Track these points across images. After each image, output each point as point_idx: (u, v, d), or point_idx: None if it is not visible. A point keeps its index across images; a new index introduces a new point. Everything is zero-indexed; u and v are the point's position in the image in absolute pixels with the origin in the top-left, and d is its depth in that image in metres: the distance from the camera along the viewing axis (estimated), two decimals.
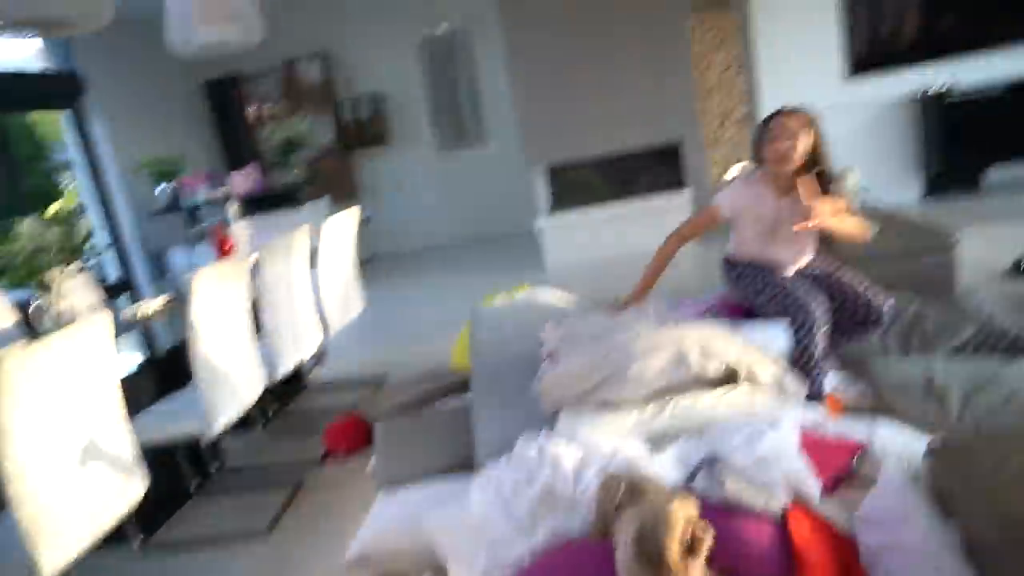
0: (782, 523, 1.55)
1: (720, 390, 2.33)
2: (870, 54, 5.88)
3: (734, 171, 5.08)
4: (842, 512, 1.70)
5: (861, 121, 6.00)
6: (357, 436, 3.08)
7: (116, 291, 5.87)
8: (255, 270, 2.93)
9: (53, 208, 2.88)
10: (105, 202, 6.50)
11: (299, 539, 2.53)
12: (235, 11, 4.05)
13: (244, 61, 7.47)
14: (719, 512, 1.57)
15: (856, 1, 5.71)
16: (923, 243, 3.34)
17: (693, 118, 5.76)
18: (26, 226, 2.68)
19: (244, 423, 3.43)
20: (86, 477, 1.92)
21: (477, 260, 6.94)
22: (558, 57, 5.80)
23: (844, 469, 1.89)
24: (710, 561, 1.41)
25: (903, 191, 5.98)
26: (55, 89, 6.23)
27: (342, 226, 3.70)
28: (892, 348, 2.86)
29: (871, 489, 1.74)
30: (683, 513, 1.38)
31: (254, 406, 2.86)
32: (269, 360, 2.98)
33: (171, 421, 2.54)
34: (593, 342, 2.46)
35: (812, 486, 1.74)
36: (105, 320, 2.01)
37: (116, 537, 2.44)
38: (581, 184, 6.21)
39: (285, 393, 3.85)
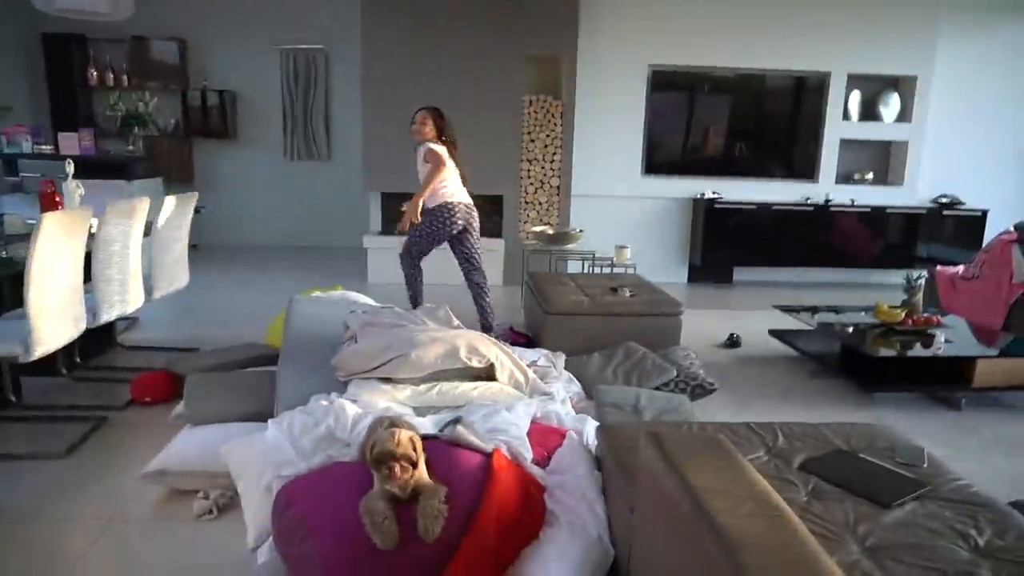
0: (489, 457, 2.22)
1: (479, 383, 3.02)
2: (663, 161, 7.20)
3: (536, 229, 5.97)
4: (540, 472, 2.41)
5: (650, 211, 7.24)
6: (164, 388, 3.40)
7: None
8: (93, 225, 3.21)
9: None
10: None
11: (96, 464, 2.82)
12: None
13: (94, 24, 7.36)
14: (446, 444, 2.22)
15: (653, 118, 7.05)
16: (660, 308, 4.31)
17: (516, 179, 6.65)
18: None
19: (45, 369, 3.60)
20: None
21: (301, 265, 7.28)
22: (408, 98, 6.45)
23: (555, 446, 2.62)
24: (431, 473, 2.04)
25: (674, 274, 7.25)
26: None
27: (181, 206, 4.03)
28: (619, 379, 3.73)
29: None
30: (405, 432, 2.00)
31: (60, 351, 3.08)
32: (92, 308, 3.25)
33: None
34: (387, 330, 3.06)
35: (526, 451, 2.45)
36: None
37: None
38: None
39: (92, 348, 4.03)
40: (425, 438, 2.19)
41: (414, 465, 1.98)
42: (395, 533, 1.87)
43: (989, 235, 6.69)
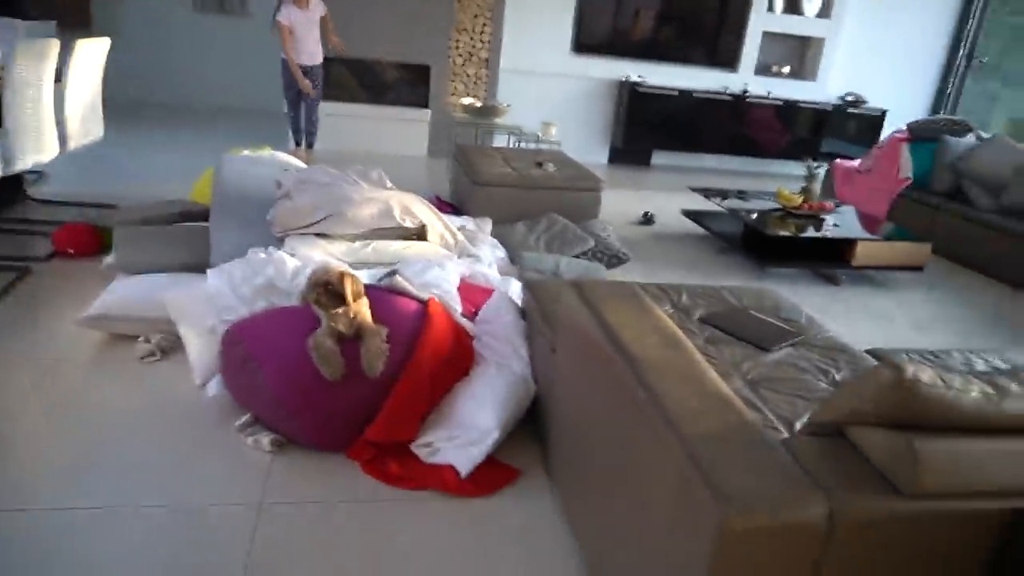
0: (424, 304, 2.41)
1: (411, 242, 3.17)
2: (593, 40, 7.18)
3: (464, 101, 5.97)
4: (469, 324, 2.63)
5: (577, 91, 7.29)
6: (88, 242, 3.37)
7: None
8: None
9: None
10: None
11: (29, 311, 2.84)
12: None
13: None
14: (386, 292, 2.39)
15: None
16: (582, 184, 4.51)
17: (445, 49, 6.53)
18: None
19: None
20: None
21: (218, 126, 7.00)
22: None
23: (482, 303, 2.83)
24: (373, 317, 2.22)
25: (596, 155, 7.43)
26: None
27: (93, 51, 3.82)
28: (541, 247, 3.96)
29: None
30: (342, 270, 2.15)
31: None
32: (6, 156, 3.14)
33: None
34: (323, 188, 3.13)
35: (456, 304, 2.65)
36: None
37: None
38: (335, 79, 6.63)
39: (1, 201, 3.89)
40: (367, 286, 2.35)
41: (342, 299, 2.13)
42: (341, 365, 2.07)
43: (887, 133, 7.16)
